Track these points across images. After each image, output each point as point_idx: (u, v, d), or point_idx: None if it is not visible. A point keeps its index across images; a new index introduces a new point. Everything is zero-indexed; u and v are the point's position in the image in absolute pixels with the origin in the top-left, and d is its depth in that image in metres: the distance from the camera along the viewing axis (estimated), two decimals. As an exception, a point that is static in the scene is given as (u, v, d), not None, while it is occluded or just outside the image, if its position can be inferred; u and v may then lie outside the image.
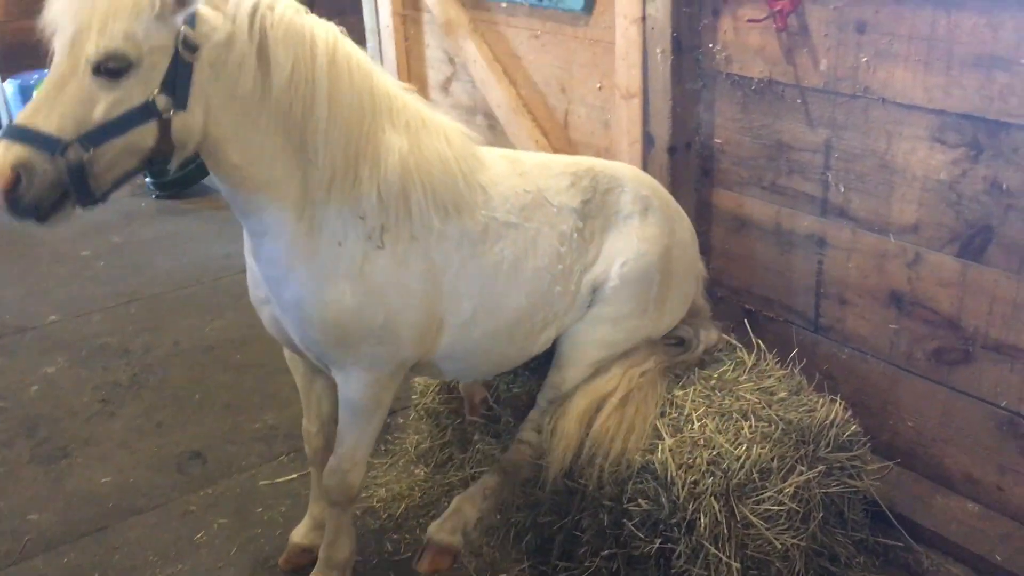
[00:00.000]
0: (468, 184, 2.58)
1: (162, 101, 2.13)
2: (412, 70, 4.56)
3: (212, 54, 2.18)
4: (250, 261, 2.60)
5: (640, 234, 2.82)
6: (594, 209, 2.81)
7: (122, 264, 5.37)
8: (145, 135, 2.14)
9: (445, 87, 4.43)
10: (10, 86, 7.85)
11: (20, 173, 2.03)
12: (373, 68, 2.44)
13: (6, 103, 8.03)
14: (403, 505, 3.24)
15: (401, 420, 3.71)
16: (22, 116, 2.06)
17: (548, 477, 2.72)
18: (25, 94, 7.68)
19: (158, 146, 2.17)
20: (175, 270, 5.28)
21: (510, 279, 2.66)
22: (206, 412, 3.90)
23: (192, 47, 2.14)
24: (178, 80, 2.14)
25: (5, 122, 8.15)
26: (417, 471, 3.41)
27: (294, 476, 3.44)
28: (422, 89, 4.55)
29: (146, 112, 2.11)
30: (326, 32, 2.33)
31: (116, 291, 5.04)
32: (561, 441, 2.70)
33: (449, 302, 2.59)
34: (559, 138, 3.91)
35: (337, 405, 2.72)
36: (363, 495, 3.27)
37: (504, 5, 3.89)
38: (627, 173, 2.96)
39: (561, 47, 3.73)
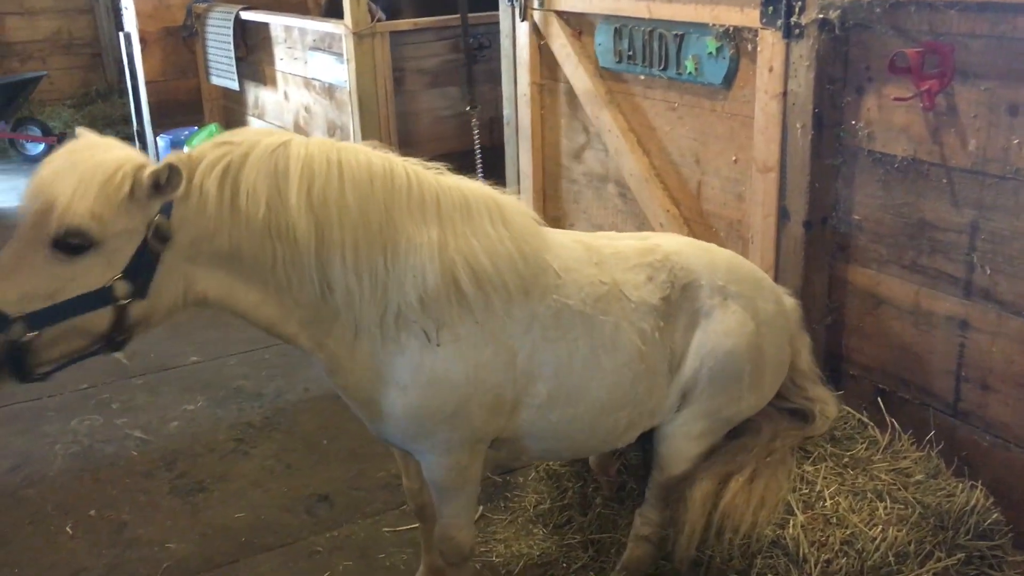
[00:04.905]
0: (530, 264, 2.46)
1: (121, 288, 2.04)
2: (546, 138, 4.71)
3: (190, 232, 2.11)
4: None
5: (723, 329, 2.73)
6: (674, 308, 2.71)
7: (257, 311, 5.62)
8: (97, 320, 2.05)
9: (578, 155, 4.55)
10: (161, 141, 8.40)
11: None
12: (374, 170, 2.26)
13: (158, 157, 8.61)
14: (521, 563, 3.27)
15: (521, 479, 3.75)
16: None
17: (676, 556, 2.71)
18: (176, 148, 8.22)
19: (111, 332, 2.07)
20: (306, 319, 5.50)
21: (588, 370, 2.59)
22: (332, 458, 4.03)
23: (164, 237, 2.06)
24: (141, 268, 2.05)
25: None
26: (535, 530, 3.43)
27: (416, 525, 3.50)
28: (555, 156, 4.69)
29: (101, 297, 2.02)
30: (299, 163, 2.17)
31: (251, 337, 5.25)
32: (686, 527, 2.67)
33: (524, 383, 2.55)
34: (690, 208, 3.96)
35: None
36: (482, 548, 3.33)
37: (642, 77, 3.99)
38: (700, 261, 2.81)
39: (697, 119, 3.80)
